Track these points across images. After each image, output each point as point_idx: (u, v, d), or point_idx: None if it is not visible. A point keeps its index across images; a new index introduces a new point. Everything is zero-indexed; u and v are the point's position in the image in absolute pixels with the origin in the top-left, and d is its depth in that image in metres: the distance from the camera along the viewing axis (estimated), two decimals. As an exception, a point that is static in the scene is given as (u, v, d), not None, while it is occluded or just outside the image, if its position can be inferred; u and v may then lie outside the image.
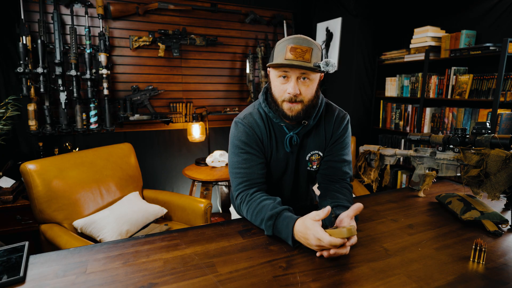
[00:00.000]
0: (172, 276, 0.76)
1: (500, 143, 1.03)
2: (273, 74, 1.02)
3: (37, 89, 2.32)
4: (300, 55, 0.94)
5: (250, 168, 1.07)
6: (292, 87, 0.97)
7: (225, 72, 3.17)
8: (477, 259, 0.83)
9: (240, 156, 1.08)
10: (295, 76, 0.97)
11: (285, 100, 1.00)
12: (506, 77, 2.08)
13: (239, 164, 1.08)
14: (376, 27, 3.04)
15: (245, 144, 1.08)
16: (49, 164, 1.72)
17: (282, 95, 1.01)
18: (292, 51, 0.94)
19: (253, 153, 1.08)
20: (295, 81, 0.97)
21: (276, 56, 0.98)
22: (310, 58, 0.94)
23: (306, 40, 0.96)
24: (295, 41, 0.95)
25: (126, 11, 2.63)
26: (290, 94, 0.98)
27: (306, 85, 0.99)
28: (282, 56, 0.96)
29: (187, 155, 3.18)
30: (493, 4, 2.27)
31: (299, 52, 0.94)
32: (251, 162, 1.07)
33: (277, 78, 1.00)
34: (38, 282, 0.73)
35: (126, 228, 1.76)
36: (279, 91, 1.01)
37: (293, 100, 0.99)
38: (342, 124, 1.15)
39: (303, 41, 0.95)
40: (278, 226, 0.92)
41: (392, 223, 1.06)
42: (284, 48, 0.96)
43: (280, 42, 1.00)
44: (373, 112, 3.19)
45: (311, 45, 0.95)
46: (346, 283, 0.74)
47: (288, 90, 0.98)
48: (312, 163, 1.16)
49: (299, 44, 0.94)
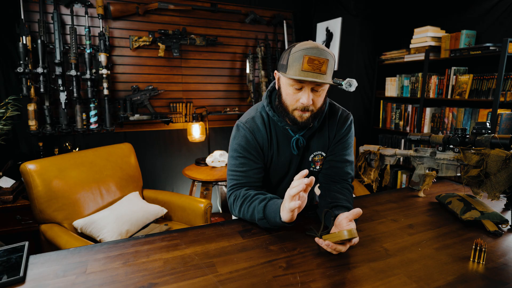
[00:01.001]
0: (172, 276, 0.76)
1: (500, 143, 1.03)
2: (285, 81, 1.00)
3: (37, 89, 2.32)
4: (317, 67, 0.93)
5: (246, 172, 1.08)
6: (307, 98, 0.96)
7: (225, 72, 3.17)
8: (477, 259, 0.83)
9: (238, 159, 1.09)
10: (309, 87, 0.97)
11: (297, 109, 1.00)
12: (506, 77, 2.08)
13: (236, 167, 1.09)
14: (376, 27, 3.04)
15: (244, 149, 1.08)
16: (49, 164, 1.72)
17: (294, 104, 1.00)
18: (310, 63, 0.92)
19: (250, 158, 1.09)
20: (309, 92, 0.97)
21: (292, 65, 0.95)
22: (326, 70, 0.94)
23: (323, 51, 0.94)
24: (312, 52, 0.92)
25: (126, 11, 2.63)
26: (304, 105, 0.98)
27: (318, 94, 0.99)
28: (298, 67, 0.94)
29: (187, 155, 3.18)
30: (493, 4, 2.27)
31: (316, 64, 0.92)
32: (248, 166, 1.08)
33: (290, 87, 0.99)
34: (38, 282, 0.73)
35: (126, 228, 1.76)
36: (292, 100, 1.00)
37: (305, 110, 1.00)
38: (346, 124, 1.15)
39: (320, 53, 0.93)
40: (268, 207, 0.95)
41: (392, 223, 1.06)
42: (300, 59, 0.93)
43: (295, 50, 0.95)
44: (373, 112, 3.19)
45: (327, 56, 0.94)
46: (346, 283, 0.74)
47: (302, 101, 0.97)
48: (315, 163, 1.16)
49: (316, 56, 0.92)
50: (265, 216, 0.95)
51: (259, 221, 0.98)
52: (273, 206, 0.94)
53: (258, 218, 0.97)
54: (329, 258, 0.84)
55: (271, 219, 0.94)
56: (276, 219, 0.92)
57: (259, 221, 0.97)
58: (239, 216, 1.07)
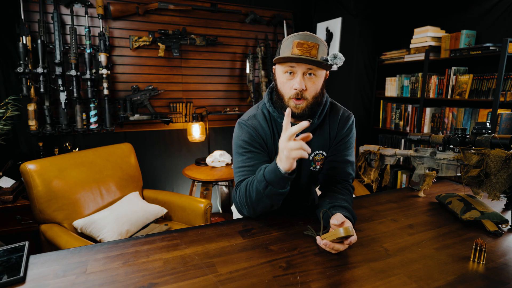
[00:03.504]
0: (172, 276, 0.76)
1: (500, 143, 1.03)
2: (279, 70, 1.02)
3: (37, 89, 2.32)
4: (306, 51, 0.94)
5: (255, 166, 1.05)
6: (298, 82, 0.97)
7: (225, 72, 3.17)
8: (477, 259, 0.83)
9: (244, 155, 1.08)
10: (301, 72, 0.97)
11: (292, 97, 1.00)
12: (506, 77, 2.08)
13: (243, 162, 1.07)
14: (376, 27, 3.04)
15: (249, 144, 1.08)
16: (49, 164, 1.72)
17: (289, 91, 1.01)
18: (299, 47, 0.94)
19: (256, 151, 1.08)
20: (301, 76, 0.98)
21: (283, 52, 0.99)
22: (316, 54, 0.95)
23: (313, 37, 0.97)
24: (301, 37, 0.96)
25: (126, 11, 2.63)
26: (297, 90, 0.98)
27: (312, 81, 0.99)
28: (288, 52, 0.96)
29: (187, 155, 3.18)
30: (493, 4, 2.27)
31: (306, 48, 0.94)
32: (255, 160, 1.07)
33: (283, 74, 1.00)
34: (38, 282, 0.73)
35: (126, 228, 1.76)
36: (286, 88, 1.01)
37: (299, 96, 0.99)
38: (347, 124, 1.15)
39: (309, 37, 0.96)
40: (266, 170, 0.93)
41: (392, 223, 1.06)
42: (290, 44, 0.96)
43: (286, 38, 1.00)
44: (373, 112, 3.19)
45: (317, 41, 0.96)
46: (346, 283, 0.74)
47: (294, 86, 0.98)
48: (316, 163, 1.15)
49: (305, 40, 0.95)
50: (266, 179, 0.92)
51: (264, 191, 0.94)
52: (270, 168, 0.92)
53: (262, 188, 0.93)
54: (329, 258, 0.84)
55: (273, 179, 0.91)
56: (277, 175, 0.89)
57: (264, 190, 0.93)
58: (249, 208, 1.02)
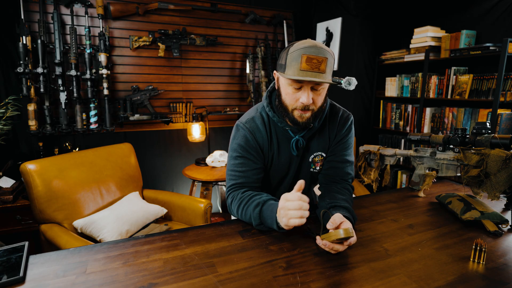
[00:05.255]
0: (172, 276, 0.76)
1: (500, 143, 1.03)
2: (285, 81, 0.99)
3: (37, 89, 2.32)
4: (316, 66, 0.91)
5: (245, 172, 1.08)
6: (306, 98, 0.95)
7: (225, 72, 3.17)
8: (477, 259, 0.83)
9: (237, 159, 1.09)
10: (309, 86, 0.96)
11: (297, 108, 0.99)
12: (506, 77, 2.08)
13: (235, 166, 1.09)
14: (376, 27, 3.04)
15: (243, 149, 1.08)
16: (49, 164, 1.72)
17: (294, 103, 0.99)
18: (308, 62, 0.91)
19: (250, 158, 1.08)
20: (309, 91, 0.96)
21: (290, 65, 0.94)
22: (325, 69, 0.92)
23: (322, 50, 0.92)
24: (310, 50, 0.91)
25: (126, 11, 2.63)
26: (304, 104, 0.97)
27: (318, 93, 0.98)
28: (296, 66, 0.92)
29: (187, 155, 3.18)
30: (493, 4, 2.27)
31: (315, 63, 0.91)
32: (247, 166, 1.08)
33: (289, 86, 0.98)
34: (38, 282, 0.73)
35: (126, 228, 1.76)
36: (291, 99, 0.99)
37: (305, 109, 0.99)
38: (346, 125, 1.14)
39: (318, 51, 0.91)
40: (264, 213, 0.95)
41: (392, 223, 1.06)
42: (299, 58, 0.92)
43: (293, 49, 0.93)
44: (373, 112, 3.19)
45: (326, 54, 0.92)
46: (346, 283, 0.74)
47: (301, 100, 0.96)
48: (315, 164, 1.15)
49: (315, 55, 0.90)
50: (262, 220, 0.96)
51: (256, 227, 0.98)
52: (268, 213, 0.94)
53: (255, 224, 0.98)
54: (329, 258, 0.84)
55: (269, 223, 0.94)
56: (273, 226, 0.92)
57: (257, 226, 0.98)
58: (237, 217, 1.08)
